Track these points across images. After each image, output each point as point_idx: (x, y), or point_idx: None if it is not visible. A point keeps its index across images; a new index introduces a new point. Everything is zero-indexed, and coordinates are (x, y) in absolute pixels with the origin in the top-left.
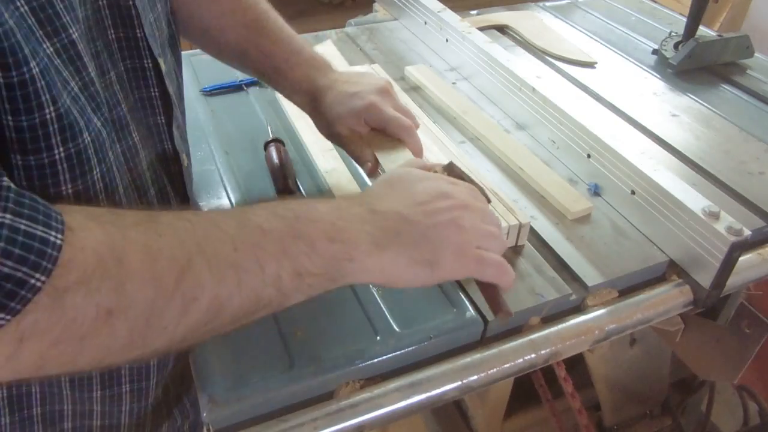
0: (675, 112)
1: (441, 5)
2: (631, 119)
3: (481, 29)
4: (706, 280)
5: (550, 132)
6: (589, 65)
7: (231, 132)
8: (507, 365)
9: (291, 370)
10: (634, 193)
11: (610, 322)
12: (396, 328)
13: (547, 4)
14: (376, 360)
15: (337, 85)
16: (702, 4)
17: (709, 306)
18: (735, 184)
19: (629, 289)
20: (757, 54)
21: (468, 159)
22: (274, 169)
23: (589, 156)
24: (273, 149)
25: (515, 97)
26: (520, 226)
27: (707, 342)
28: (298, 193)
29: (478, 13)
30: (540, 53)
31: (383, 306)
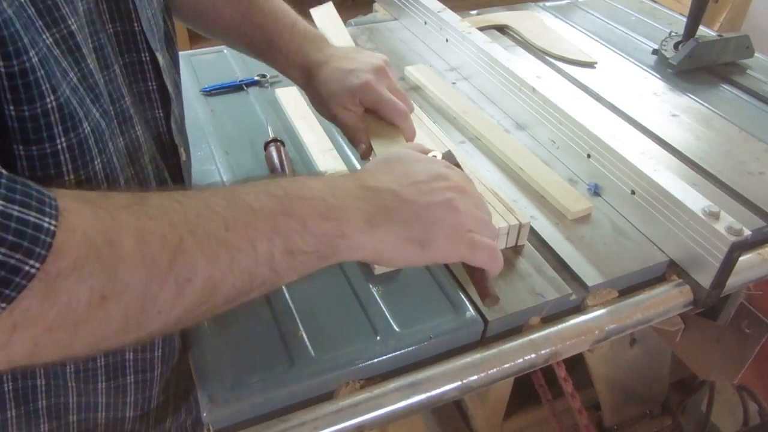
0: (675, 112)
1: (441, 5)
2: (631, 119)
3: (481, 29)
4: (706, 280)
5: (550, 132)
6: (589, 65)
7: (231, 132)
8: (507, 365)
9: (291, 370)
10: (634, 193)
11: (610, 322)
12: (396, 328)
13: (547, 4)
14: (376, 360)
15: (332, 60)
16: (702, 4)
17: (709, 306)
18: (735, 184)
19: (629, 289)
20: (757, 54)
21: (468, 159)
22: (274, 169)
23: (589, 156)
24: (273, 149)
25: (515, 97)
26: (520, 226)
27: (707, 342)
28: None
29: (478, 13)
30: (540, 53)
31: (383, 306)
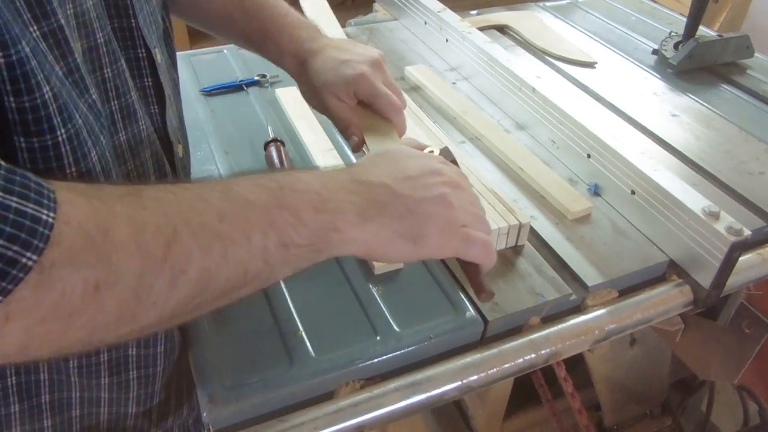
0: (675, 112)
1: (441, 5)
2: (631, 119)
3: (481, 29)
4: (706, 280)
5: (550, 132)
6: (589, 65)
7: (231, 132)
8: (507, 365)
9: (291, 370)
10: (634, 193)
11: (610, 322)
12: (396, 328)
13: (547, 4)
14: (376, 360)
15: (327, 50)
16: (702, 4)
17: (709, 306)
18: (735, 184)
19: (629, 289)
20: (757, 54)
21: (468, 159)
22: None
23: (589, 156)
24: (273, 149)
25: (515, 97)
26: (520, 226)
27: (707, 342)
28: None
29: (478, 13)
30: (540, 53)
31: (383, 306)
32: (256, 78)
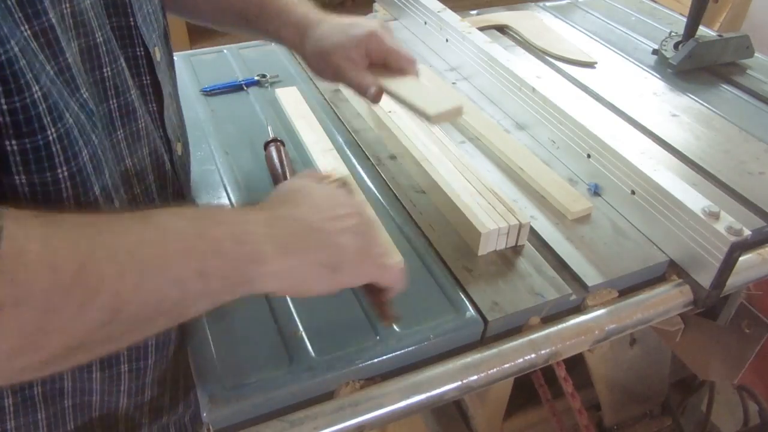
0: (675, 112)
1: (441, 5)
2: (631, 119)
3: (481, 29)
4: (706, 280)
5: (550, 132)
6: (589, 65)
7: (231, 132)
8: (507, 365)
9: (291, 369)
10: (634, 193)
11: (610, 322)
12: (396, 328)
13: (547, 4)
14: (376, 360)
15: (330, 18)
16: (702, 4)
17: (709, 306)
18: (735, 184)
19: (629, 289)
20: (757, 54)
21: (468, 159)
22: (274, 169)
23: (589, 156)
24: (273, 149)
25: (515, 97)
26: (520, 226)
27: (707, 342)
28: None
29: (478, 13)
30: (540, 53)
31: None
32: (256, 78)
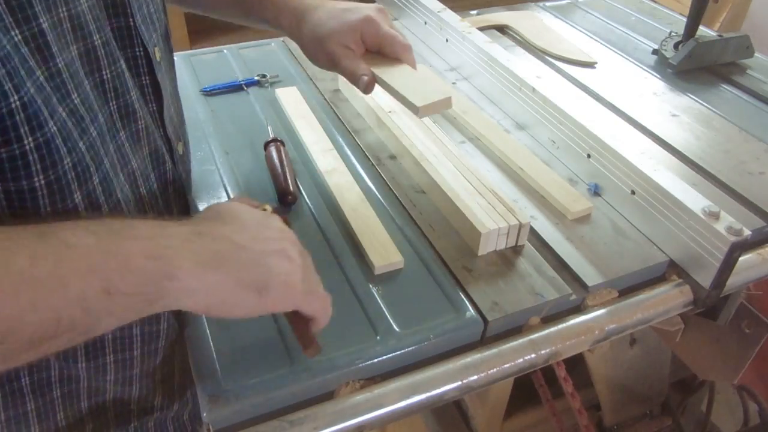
0: (675, 112)
1: (441, 5)
2: (631, 119)
3: (481, 29)
4: (706, 280)
5: (550, 132)
6: (589, 65)
7: (231, 132)
8: (507, 365)
9: (291, 370)
10: (634, 193)
11: (610, 322)
12: (396, 328)
13: (547, 4)
14: (376, 360)
15: (327, 3)
16: (702, 4)
17: (709, 306)
18: (735, 184)
19: (629, 289)
20: (757, 54)
21: (468, 159)
22: (274, 169)
23: (589, 156)
24: (273, 149)
25: (515, 97)
26: (520, 226)
27: (707, 342)
28: (297, 192)
29: (478, 13)
30: (540, 53)
31: (383, 306)
32: (256, 78)
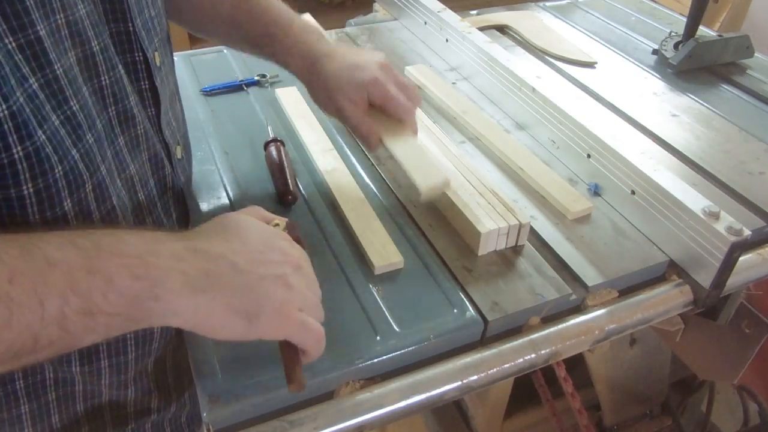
0: (675, 112)
1: (441, 5)
2: (631, 119)
3: (481, 29)
4: (706, 280)
5: (550, 132)
6: (589, 65)
7: (231, 132)
8: (507, 365)
9: None
10: (634, 193)
11: (610, 322)
12: (396, 328)
13: (547, 4)
14: (376, 360)
15: (338, 54)
16: (702, 4)
17: (709, 306)
18: (735, 184)
19: (629, 289)
20: (757, 54)
21: (468, 159)
22: (274, 169)
23: (589, 156)
24: (273, 149)
25: (515, 97)
26: (520, 226)
27: (707, 342)
28: (297, 192)
29: (478, 13)
30: (540, 53)
31: (383, 306)
32: (256, 78)
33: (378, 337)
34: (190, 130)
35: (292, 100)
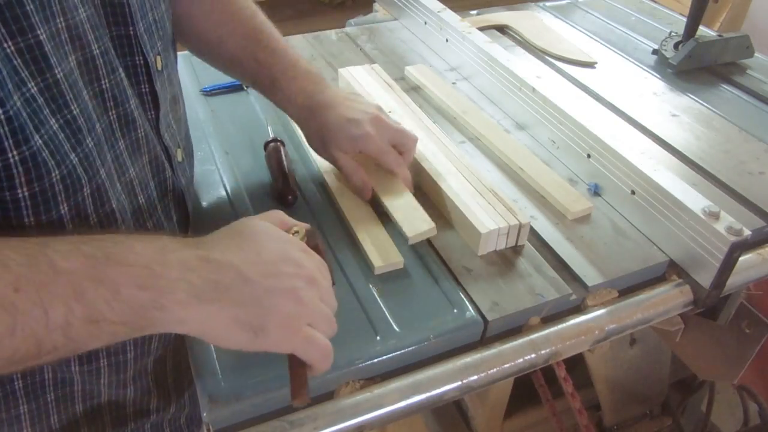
0: (675, 112)
1: (441, 5)
2: (631, 119)
3: (481, 29)
4: (706, 280)
5: (550, 132)
6: (589, 65)
7: (231, 132)
8: (507, 365)
9: None
10: (634, 193)
11: (610, 322)
12: (396, 328)
13: (547, 4)
14: (376, 360)
15: (335, 106)
16: (702, 4)
17: (709, 306)
18: (735, 184)
19: (629, 289)
20: (757, 54)
21: (468, 159)
22: (274, 169)
23: (589, 156)
24: (273, 149)
25: (515, 97)
26: (520, 226)
27: (707, 342)
28: (297, 192)
29: (478, 13)
30: (540, 53)
31: (383, 306)
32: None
33: (378, 337)
34: (190, 130)
35: None
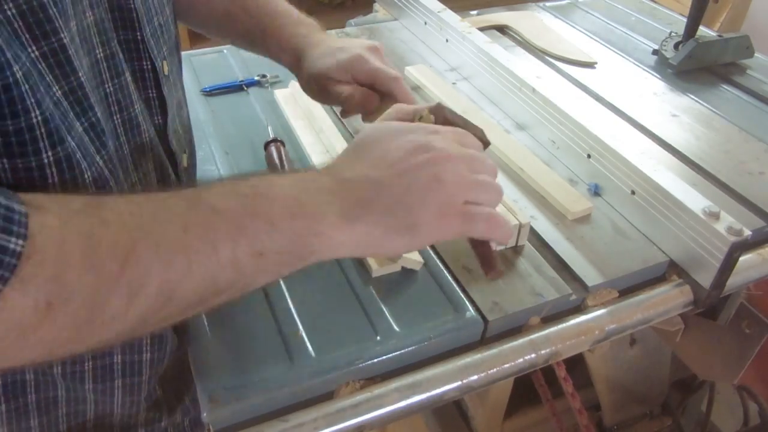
0: (675, 113)
1: (441, 5)
2: (631, 119)
3: (481, 29)
4: (706, 280)
5: (550, 132)
6: (589, 65)
7: (231, 132)
8: (507, 365)
9: (291, 370)
10: (634, 193)
11: (610, 322)
12: (396, 328)
13: (547, 4)
14: (376, 360)
15: (324, 42)
16: (702, 4)
17: (709, 306)
18: (735, 184)
19: (629, 289)
20: (757, 54)
21: None
22: (274, 169)
23: (589, 156)
24: (273, 149)
25: (515, 97)
26: (520, 226)
27: (707, 342)
28: None
29: (478, 13)
30: (540, 53)
31: (383, 306)
32: (256, 78)
33: (378, 337)
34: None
35: (292, 100)
